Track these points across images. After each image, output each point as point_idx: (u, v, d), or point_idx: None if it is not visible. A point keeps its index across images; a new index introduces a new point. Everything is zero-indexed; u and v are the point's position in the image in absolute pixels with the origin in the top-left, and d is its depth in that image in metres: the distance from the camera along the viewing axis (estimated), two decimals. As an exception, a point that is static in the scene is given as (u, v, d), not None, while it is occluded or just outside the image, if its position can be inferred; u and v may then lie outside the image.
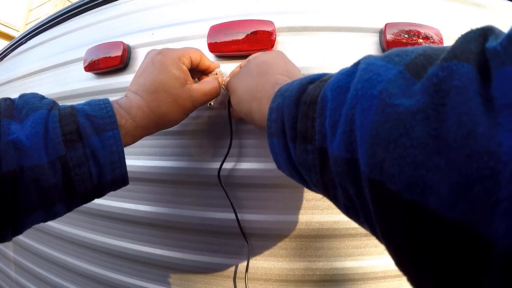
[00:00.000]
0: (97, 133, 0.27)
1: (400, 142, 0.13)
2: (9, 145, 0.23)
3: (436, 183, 0.12)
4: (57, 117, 0.26)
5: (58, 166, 0.25)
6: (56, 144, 0.25)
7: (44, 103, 0.27)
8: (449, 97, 0.12)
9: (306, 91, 0.21)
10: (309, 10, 0.42)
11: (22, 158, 0.23)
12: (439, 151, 0.12)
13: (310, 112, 0.20)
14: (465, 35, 0.14)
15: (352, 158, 0.16)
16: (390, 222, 0.14)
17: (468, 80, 0.12)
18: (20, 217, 0.25)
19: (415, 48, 0.16)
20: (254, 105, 0.29)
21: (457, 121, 0.11)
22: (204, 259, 0.44)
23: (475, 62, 0.12)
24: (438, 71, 0.13)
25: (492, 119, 0.11)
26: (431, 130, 0.12)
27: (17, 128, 0.24)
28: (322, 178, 0.20)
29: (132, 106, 0.30)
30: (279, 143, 0.24)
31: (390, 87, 0.15)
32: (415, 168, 0.13)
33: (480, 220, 0.11)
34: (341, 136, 0.17)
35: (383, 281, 0.41)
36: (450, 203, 0.11)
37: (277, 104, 0.24)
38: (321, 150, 0.19)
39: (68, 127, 0.26)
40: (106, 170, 0.28)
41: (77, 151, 0.26)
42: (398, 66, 0.15)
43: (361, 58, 0.19)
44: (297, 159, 0.22)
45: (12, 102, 0.27)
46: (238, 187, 0.41)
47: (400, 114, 0.13)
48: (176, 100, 0.32)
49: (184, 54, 0.33)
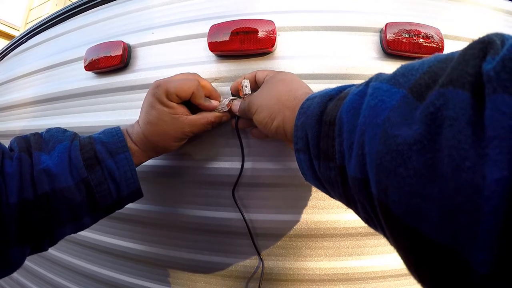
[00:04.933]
0: (111, 156, 0.33)
1: (398, 172, 0.14)
2: (41, 172, 0.29)
3: (429, 211, 0.13)
4: (78, 146, 0.32)
5: (82, 186, 0.30)
6: (79, 168, 0.30)
7: (66, 136, 0.33)
8: (443, 127, 0.13)
9: (326, 110, 0.22)
10: (310, 10, 0.42)
11: (53, 182, 0.29)
12: (433, 180, 0.13)
13: (330, 132, 0.21)
14: (464, 51, 0.14)
15: (365, 178, 0.17)
16: (396, 239, 0.16)
17: (461, 110, 0.12)
18: (54, 230, 0.30)
19: (422, 63, 0.16)
20: (287, 114, 0.29)
21: (448, 153, 0.12)
22: (204, 258, 0.44)
23: (470, 87, 0.12)
24: (435, 99, 0.13)
25: (481, 150, 0.11)
26: (426, 160, 0.13)
27: (46, 158, 0.30)
28: (345, 193, 0.21)
29: (134, 133, 0.36)
30: (305, 159, 0.25)
31: (393, 116, 0.16)
32: (412, 197, 0.14)
33: (464, 248, 0.12)
34: (355, 158, 0.18)
35: (383, 281, 0.42)
36: (440, 230, 0.12)
37: (302, 122, 0.25)
38: (341, 168, 0.20)
39: (88, 153, 0.32)
40: (122, 186, 0.33)
41: (97, 173, 0.31)
42: (402, 90, 0.16)
43: (373, 76, 0.20)
44: (322, 175, 0.23)
45: (40, 136, 0.33)
46: (237, 187, 0.41)
47: (399, 146, 0.14)
48: (165, 131, 0.35)
49: (170, 92, 0.34)
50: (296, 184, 0.40)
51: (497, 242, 0.10)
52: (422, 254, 0.14)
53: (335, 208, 0.40)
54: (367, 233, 0.40)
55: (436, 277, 0.13)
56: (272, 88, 0.32)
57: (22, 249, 0.29)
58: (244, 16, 0.42)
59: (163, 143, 0.36)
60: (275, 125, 0.30)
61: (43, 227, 0.29)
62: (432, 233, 0.13)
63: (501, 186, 0.10)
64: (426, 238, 0.13)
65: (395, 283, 0.42)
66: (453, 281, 0.12)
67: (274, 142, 0.40)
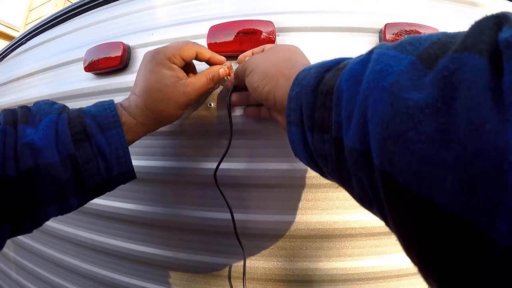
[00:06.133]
0: (102, 131, 0.30)
1: (408, 136, 0.13)
2: (25, 146, 0.27)
3: (442, 178, 0.12)
4: (66, 119, 0.29)
5: (69, 163, 0.28)
6: (66, 144, 0.28)
7: (54, 108, 0.31)
8: (459, 91, 0.12)
9: (323, 80, 0.21)
10: (309, 10, 0.42)
11: (37, 157, 0.27)
12: (447, 146, 0.12)
13: (327, 102, 0.20)
14: (478, 22, 0.13)
15: (366, 150, 0.16)
16: (399, 213, 0.14)
17: (478, 74, 0.11)
18: (36, 210, 0.28)
19: (429, 35, 0.16)
20: (281, 82, 0.28)
21: (466, 116, 0.11)
22: (203, 259, 0.44)
23: (487, 54, 0.12)
24: (449, 63, 0.13)
25: (501, 116, 0.10)
26: (439, 125, 0.12)
27: (31, 132, 0.28)
28: (338, 168, 0.20)
29: (131, 105, 0.33)
30: (298, 131, 0.24)
31: (401, 79, 0.15)
32: (423, 163, 0.13)
33: (482, 218, 0.11)
34: (355, 127, 0.17)
35: (382, 281, 0.42)
36: (455, 199, 0.11)
37: (296, 93, 0.23)
38: (337, 140, 0.19)
39: (76, 128, 0.29)
40: (112, 164, 0.31)
41: (85, 149, 0.29)
42: (410, 56, 0.15)
43: (375, 46, 0.19)
44: (314, 148, 0.22)
45: (27, 109, 0.31)
46: (237, 188, 0.41)
47: (409, 108, 0.13)
48: (169, 97, 0.33)
49: (173, 53, 0.33)
50: (295, 185, 0.40)
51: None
52: (433, 229, 0.12)
53: (335, 209, 0.40)
54: (367, 233, 0.40)
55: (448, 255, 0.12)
56: (272, 54, 0.32)
57: (2, 229, 0.27)
58: (243, 17, 0.42)
59: (167, 112, 0.34)
60: (266, 90, 0.29)
61: (25, 205, 0.27)
62: (446, 203, 0.12)
63: None
64: (439, 208, 0.12)
65: (395, 283, 0.42)
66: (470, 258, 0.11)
67: (274, 142, 0.40)
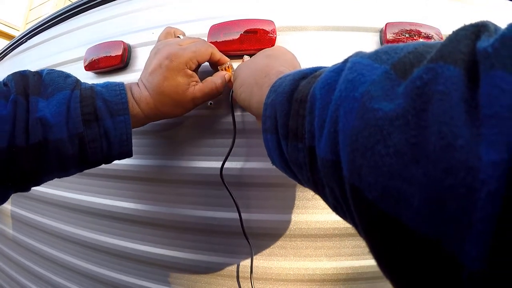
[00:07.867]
0: (111, 116, 0.32)
1: (376, 149, 0.13)
2: (36, 121, 0.28)
3: (410, 196, 0.11)
4: (78, 97, 0.30)
5: (76, 141, 0.30)
6: (76, 122, 0.30)
7: (68, 83, 0.31)
8: (431, 103, 0.11)
9: (298, 88, 0.21)
10: (309, 10, 0.42)
11: (47, 132, 0.28)
12: (416, 160, 0.11)
13: (301, 110, 0.20)
14: (456, 32, 0.13)
15: (337, 160, 0.16)
16: (368, 227, 0.14)
17: (453, 85, 0.11)
18: (41, 177, 0.31)
19: (407, 44, 0.15)
20: (255, 90, 0.29)
21: (437, 130, 0.11)
22: (205, 258, 0.44)
23: (463, 64, 0.11)
24: (423, 73, 0.12)
25: (475, 130, 0.10)
26: (409, 138, 0.11)
27: (43, 106, 0.29)
28: (312, 177, 0.20)
29: (142, 100, 0.35)
30: (273, 139, 0.24)
31: (372, 89, 0.14)
32: (390, 178, 0.12)
33: (450, 240, 0.10)
34: (327, 137, 0.16)
35: (382, 281, 0.42)
36: (422, 218, 0.11)
37: (271, 100, 0.23)
38: (310, 149, 0.19)
39: (87, 108, 0.30)
40: (114, 146, 0.33)
41: (93, 130, 0.31)
42: (385, 66, 0.15)
43: (352, 54, 0.18)
44: (289, 156, 0.22)
45: (40, 77, 0.31)
46: (239, 186, 0.41)
47: (378, 120, 0.13)
48: (178, 103, 0.35)
49: (191, 58, 0.34)
50: (296, 184, 0.40)
51: (493, 233, 0.09)
52: (399, 247, 0.12)
53: (335, 208, 0.40)
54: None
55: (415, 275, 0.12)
56: (252, 62, 0.33)
57: (6, 190, 0.29)
58: (244, 16, 0.42)
59: (173, 113, 0.36)
60: (243, 98, 0.31)
61: (31, 174, 0.29)
62: (413, 222, 0.11)
63: (499, 169, 0.09)
64: (405, 227, 0.11)
65: (395, 283, 0.42)
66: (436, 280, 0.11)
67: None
